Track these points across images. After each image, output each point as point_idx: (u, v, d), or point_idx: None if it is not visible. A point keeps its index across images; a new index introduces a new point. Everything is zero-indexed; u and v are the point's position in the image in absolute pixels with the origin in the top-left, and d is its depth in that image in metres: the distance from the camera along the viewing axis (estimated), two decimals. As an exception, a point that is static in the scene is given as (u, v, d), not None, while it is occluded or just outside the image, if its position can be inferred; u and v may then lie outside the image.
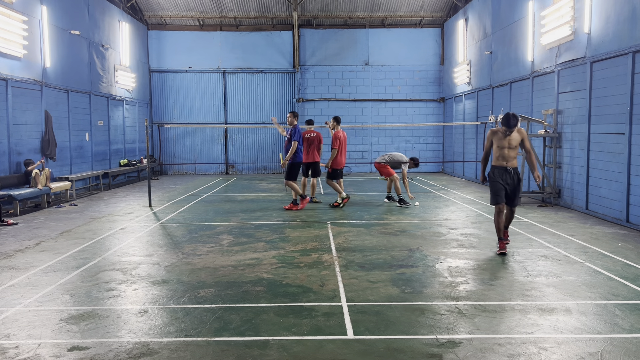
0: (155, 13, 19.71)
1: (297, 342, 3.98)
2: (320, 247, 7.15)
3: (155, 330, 4.25)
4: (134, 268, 6.17)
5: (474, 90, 16.45)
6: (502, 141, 6.65)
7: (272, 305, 4.82)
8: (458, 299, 4.93)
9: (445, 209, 10.56)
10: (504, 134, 6.62)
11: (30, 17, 11.80)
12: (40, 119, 12.20)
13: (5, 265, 6.38)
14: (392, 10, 19.81)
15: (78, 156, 14.20)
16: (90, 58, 14.88)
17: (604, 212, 9.27)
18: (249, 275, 5.82)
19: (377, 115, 20.36)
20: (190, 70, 20.19)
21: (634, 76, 8.37)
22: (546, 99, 11.62)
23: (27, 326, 4.35)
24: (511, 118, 6.50)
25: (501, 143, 6.66)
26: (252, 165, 20.44)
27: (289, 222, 9.18)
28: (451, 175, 18.90)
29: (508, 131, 6.56)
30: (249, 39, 20.15)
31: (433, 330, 4.18)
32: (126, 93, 17.61)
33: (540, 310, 4.61)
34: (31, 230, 8.62)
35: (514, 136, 6.63)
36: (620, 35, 8.73)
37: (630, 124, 8.45)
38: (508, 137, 6.63)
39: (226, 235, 8.09)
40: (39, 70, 12.22)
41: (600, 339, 3.98)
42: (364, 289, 5.26)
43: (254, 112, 20.27)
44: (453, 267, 6.08)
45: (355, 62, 20.30)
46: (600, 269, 5.90)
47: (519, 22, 12.95)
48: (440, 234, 8.03)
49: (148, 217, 9.92)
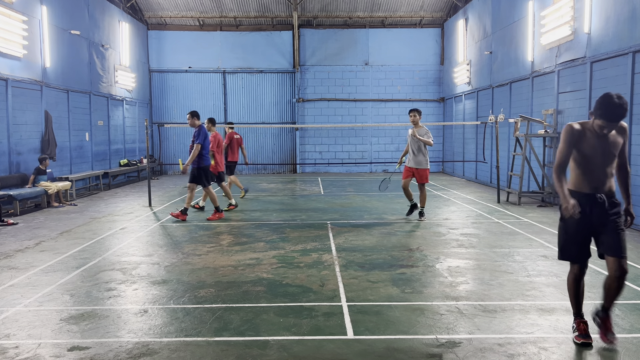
0: (155, 13, 19.72)
1: (297, 342, 3.98)
2: (320, 247, 7.15)
3: (155, 330, 4.24)
4: (134, 268, 6.17)
5: (474, 90, 16.45)
6: (595, 147, 3.80)
7: (272, 305, 4.82)
8: (458, 299, 4.92)
9: (445, 209, 10.57)
10: (598, 134, 3.81)
11: (30, 17, 11.80)
12: (40, 119, 12.20)
13: (5, 265, 6.38)
14: (392, 10, 19.82)
15: (78, 156, 14.20)
16: (90, 58, 14.88)
17: (604, 212, 9.25)
18: (249, 275, 5.82)
19: (377, 115, 20.37)
20: (190, 70, 20.19)
21: (634, 76, 8.37)
22: (546, 99, 11.62)
23: (27, 326, 4.35)
24: (616, 105, 3.63)
25: (592, 150, 3.80)
26: (252, 165, 20.44)
27: (289, 222, 9.18)
28: (451, 175, 18.90)
29: (607, 128, 3.74)
30: (249, 39, 20.15)
31: (433, 330, 4.18)
32: (126, 93, 17.61)
33: (540, 310, 4.61)
34: (31, 230, 8.62)
35: (614, 139, 3.83)
36: (620, 35, 8.73)
37: (630, 124, 8.45)
38: (606, 140, 3.81)
39: (226, 235, 8.09)
40: (39, 70, 12.22)
41: (600, 339, 3.97)
42: (364, 289, 5.26)
43: (254, 112, 20.26)
44: (453, 267, 6.08)
45: (355, 62, 20.30)
46: (600, 269, 5.90)
47: (519, 22, 12.95)
48: (440, 234, 8.03)
49: (148, 217, 9.92)
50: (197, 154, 9.26)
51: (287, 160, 20.47)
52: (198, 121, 9.53)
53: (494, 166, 13.95)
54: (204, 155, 9.42)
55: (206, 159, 9.49)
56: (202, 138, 9.33)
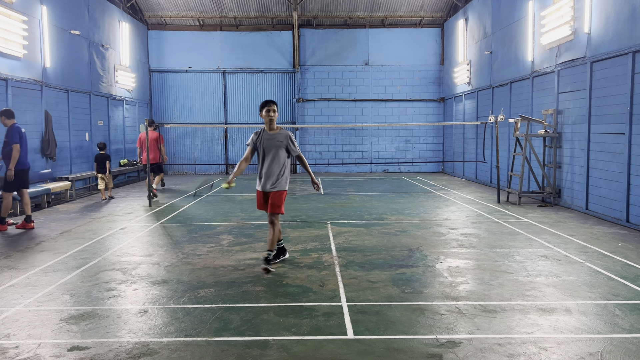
0: (155, 13, 19.71)
1: (297, 342, 3.98)
2: (320, 247, 7.15)
3: (155, 330, 4.24)
4: (134, 268, 6.17)
5: (474, 90, 16.45)
6: None
7: (272, 305, 4.82)
8: (458, 299, 4.92)
9: (445, 209, 10.56)
10: None
11: (30, 17, 11.80)
12: (40, 119, 12.19)
13: (5, 265, 6.38)
14: (392, 10, 19.81)
15: (78, 156, 14.20)
16: (90, 58, 14.88)
17: (604, 212, 9.27)
18: (249, 275, 5.82)
19: (377, 115, 20.37)
20: (190, 70, 20.19)
21: (634, 76, 8.36)
22: (546, 99, 11.62)
23: (27, 326, 4.35)
24: None
25: None
26: (252, 165, 20.39)
27: (289, 222, 9.18)
28: (451, 175, 18.90)
29: None
30: (249, 39, 20.15)
31: (433, 330, 4.18)
32: (126, 93, 17.61)
33: (540, 310, 4.61)
34: (31, 230, 8.62)
35: None
36: (620, 35, 8.73)
37: (630, 124, 8.45)
38: None
39: (226, 235, 8.09)
40: (39, 70, 12.22)
41: (600, 339, 3.98)
42: (364, 289, 5.25)
43: (254, 112, 20.25)
44: (453, 267, 6.08)
45: (355, 62, 20.30)
46: (600, 269, 5.90)
47: (519, 22, 12.95)
48: (440, 234, 8.03)
49: (148, 217, 9.92)
50: (18, 156, 8.48)
51: (287, 160, 20.44)
52: (9, 121, 8.70)
53: (494, 166, 13.96)
54: (21, 157, 8.65)
55: (23, 161, 8.70)
56: (17, 138, 8.48)
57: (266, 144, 6.06)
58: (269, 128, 6.14)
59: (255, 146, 6.17)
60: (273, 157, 6.04)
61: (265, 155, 6.08)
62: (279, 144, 6.04)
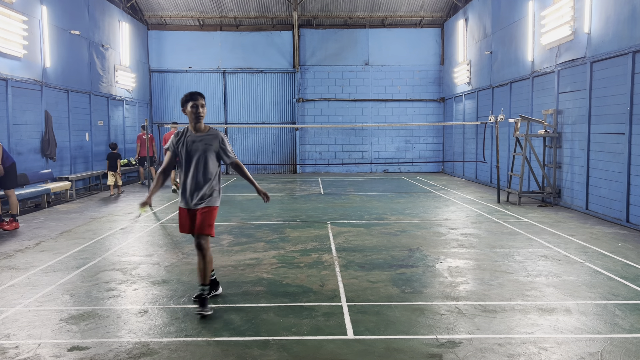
0: (155, 13, 19.71)
1: (297, 342, 3.98)
2: (320, 247, 7.15)
3: (155, 330, 4.24)
4: (134, 268, 6.17)
5: (474, 90, 16.45)
6: None
7: (272, 305, 4.82)
8: (458, 299, 4.92)
9: (445, 209, 10.56)
10: None
11: (30, 17, 11.80)
12: (40, 119, 12.19)
13: (5, 265, 6.38)
14: (392, 10, 19.82)
15: (78, 156, 14.20)
16: (90, 58, 14.88)
17: (604, 212, 9.27)
18: (249, 275, 5.82)
19: (377, 115, 20.37)
20: (190, 70, 20.19)
21: (634, 76, 8.36)
22: (546, 99, 11.62)
23: (27, 326, 4.35)
24: None
25: None
26: (252, 165, 20.44)
27: (289, 222, 9.18)
28: (451, 175, 18.90)
29: None
30: (249, 39, 20.15)
31: (433, 330, 4.18)
32: (126, 93, 17.60)
33: (540, 310, 4.61)
34: (31, 230, 8.62)
35: None
36: (620, 35, 8.73)
37: (630, 124, 8.45)
38: None
39: (226, 235, 8.09)
40: (39, 70, 12.22)
41: (600, 339, 3.98)
42: (364, 289, 5.25)
43: (254, 112, 20.26)
44: (453, 267, 6.08)
45: (355, 62, 20.30)
46: (600, 269, 5.90)
47: (519, 22, 12.95)
48: (440, 234, 8.03)
49: (148, 217, 9.92)
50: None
51: (287, 160, 20.47)
52: None
53: (494, 166, 13.96)
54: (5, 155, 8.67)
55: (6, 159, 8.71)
56: None
57: (191, 147, 4.68)
58: (194, 128, 4.74)
59: (176, 151, 4.77)
60: (200, 165, 4.68)
61: (190, 163, 4.69)
62: (207, 147, 4.70)
